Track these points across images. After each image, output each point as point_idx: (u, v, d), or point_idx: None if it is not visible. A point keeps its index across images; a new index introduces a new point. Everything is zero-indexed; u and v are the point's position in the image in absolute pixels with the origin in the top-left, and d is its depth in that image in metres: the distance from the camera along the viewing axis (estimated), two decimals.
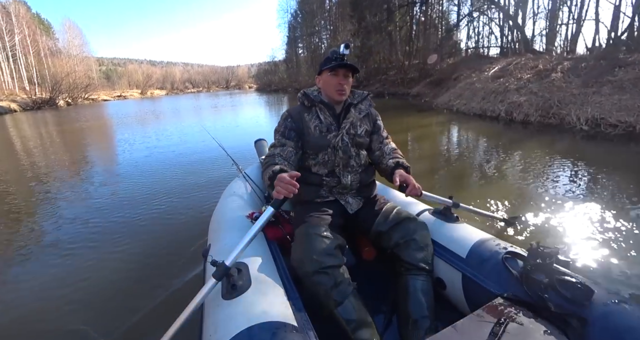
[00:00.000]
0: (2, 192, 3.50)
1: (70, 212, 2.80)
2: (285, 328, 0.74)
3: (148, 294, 1.57)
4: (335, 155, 1.25)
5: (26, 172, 4.36)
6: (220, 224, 1.35)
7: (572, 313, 0.81)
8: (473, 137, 5.74)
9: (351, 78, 1.27)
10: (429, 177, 3.31)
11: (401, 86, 15.66)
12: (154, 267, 1.84)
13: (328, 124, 1.27)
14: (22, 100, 21.46)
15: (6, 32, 27.86)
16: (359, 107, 1.34)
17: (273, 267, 1.01)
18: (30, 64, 28.79)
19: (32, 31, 30.67)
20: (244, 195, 1.63)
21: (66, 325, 1.43)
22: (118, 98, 36.99)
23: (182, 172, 3.88)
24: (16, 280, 1.83)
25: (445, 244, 1.17)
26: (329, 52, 1.23)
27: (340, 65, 1.20)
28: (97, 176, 4.03)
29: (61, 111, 18.94)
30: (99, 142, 7.36)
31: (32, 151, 6.10)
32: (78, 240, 2.26)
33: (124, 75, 56.99)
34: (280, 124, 1.30)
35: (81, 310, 1.52)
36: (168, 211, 2.66)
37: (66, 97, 24.84)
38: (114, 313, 1.47)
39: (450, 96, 9.67)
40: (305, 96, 1.31)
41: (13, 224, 2.65)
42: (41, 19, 40.41)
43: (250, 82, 61.04)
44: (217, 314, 0.82)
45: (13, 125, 11.75)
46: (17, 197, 3.32)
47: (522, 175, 3.18)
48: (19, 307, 1.58)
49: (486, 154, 4.33)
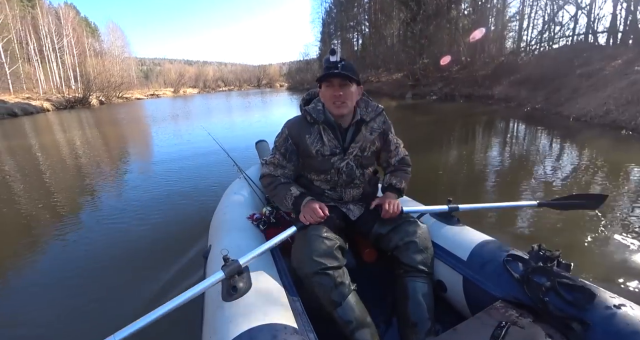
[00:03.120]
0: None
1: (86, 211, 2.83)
2: (286, 330, 0.74)
3: (147, 294, 1.59)
4: (338, 177, 1.21)
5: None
6: (222, 225, 1.35)
7: (573, 316, 0.79)
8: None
9: (354, 87, 1.12)
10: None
11: (475, 86, 12.11)
12: (154, 266, 1.84)
13: (332, 147, 1.17)
14: (56, 99, 21.48)
15: (55, 34, 29.49)
16: (371, 126, 1.22)
17: (274, 268, 1.02)
18: (71, 65, 30.29)
19: (77, 33, 32.35)
20: (244, 196, 1.63)
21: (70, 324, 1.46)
22: (151, 96, 37.28)
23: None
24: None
25: (446, 246, 1.16)
26: (323, 60, 1.12)
27: (331, 74, 1.07)
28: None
29: (93, 110, 18.95)
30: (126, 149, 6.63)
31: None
32: (90, 235, 2.35)
33: (160, 74, 58.37)
34: (281, 143, 1.21)
35: (81, 302, 1.58)
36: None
37: (100, 96, 25.10)
38: (111, 314, 1.47)
39: (606, 101, 5.66)
40: (307, 112, 1.19)
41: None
42: (88, 22, 42.54)
43: (282, 81, 61.46)
44: (217, 315, 0.82)
45: (32, 129, 10.72)
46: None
47: None
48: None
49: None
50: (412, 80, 15.60)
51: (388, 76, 21.22)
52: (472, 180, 3.38)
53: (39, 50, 29.63)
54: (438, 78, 14.79)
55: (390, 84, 18.91)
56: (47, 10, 31.11)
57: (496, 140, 5.42)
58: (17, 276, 1.93)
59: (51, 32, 29.48)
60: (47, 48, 30.05)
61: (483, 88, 11.58)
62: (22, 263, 2.06)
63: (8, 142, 7.59)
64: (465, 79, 13.16)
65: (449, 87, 13.33)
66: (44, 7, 30.78)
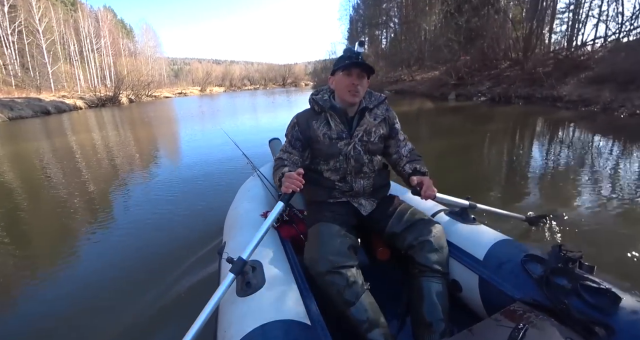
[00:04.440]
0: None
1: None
2: (299, 326, 0.75)
3: (164, 290, 1.60)
4: (347, 163, 1.21)
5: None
6: (235, 222, 1.37)
7: (597, 320, 0.76)
8: None
9: (366, 79, 1.18)
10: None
11: (535, 85, 9.95)
12: (170, 262, 1.86)
13: (339, 131, 1.21)
14: (89, 97, 22.10)
15: (94, 35, 31.38)
16: (375, 112, 1.26)
17: (287, 265, 1.02)
18: (107, 65, 31.94)
19: (112, 35, 34.27)
20: (258, 193, 1.64)
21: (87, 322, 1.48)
22: (179, 95, 38.22)
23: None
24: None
25: (462, 245, 1.14)
26: (343, 50, 1.17)
27: (354, 64, 1.12)
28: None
29: (122, 108, 19.28)
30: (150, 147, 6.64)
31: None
32: (106, 233, 2.40)
33: (189, 73, 59.80)
34: (289, 131, 1.27)
35: (98, 298, 1.63)
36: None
37: (129, 94, 25.62)
38: (127, 310, 1.50)
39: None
40: (315, 101, 1.24)
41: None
42: (124, 24, 44.62)
43: (307, 80, 61.80)
44: (232, 311, 0.83)
45: (60, 127, 10.73)
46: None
47: None
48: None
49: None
50: (455, 78, 13.65)
51: (423, 74, 19.62)
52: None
53: (79, 51, 31.13)
54: (485, 76, 12.78)
55: (426, 83, 16.85)
56: (88, 14, 32.74)
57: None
58: (47, 275, 1.96)
59: (90, 34, 31.44)
60: (86, 49, 31.58)
61: (544, 88, 9.49)
62: (57, 262, 2.09)
63: (37, 142, 7.40)
64: (519, 78, 10.93)
65: (501, 87, 11.21)
66: (85, 10, 32.42)
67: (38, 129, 10.37)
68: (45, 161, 5.22)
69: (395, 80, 21.31)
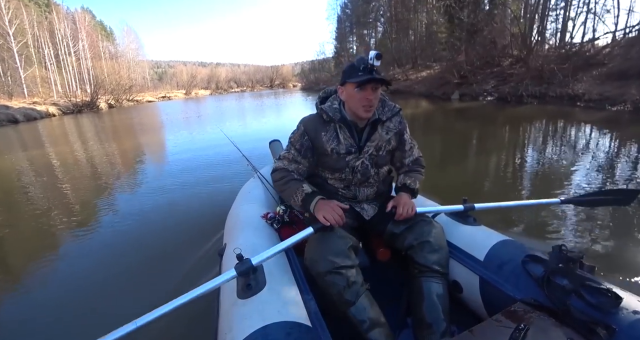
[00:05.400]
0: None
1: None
2: (300, 328, 0.74)
3: (163, 290, 1.59)
4: (353, 176, 1.20)
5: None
6: (236, 224, 1.36)
7: (598, 321, 0.76)
8: None
9: (380, 89, 1.11)
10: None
11: (545, 83, 9.22)
12: (171, 263, 1.90)
13: (347, 146, 1.16)
14: (63, 103, 20.59)
15: (70, 38, 29.73)
16: (387, 126, 1.20)
17: (287, 267, 1.02)
18: (86, 69, 30.51)
19: (90, 37, 32.75)
20: (258, 195, 1.65)
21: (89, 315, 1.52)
22: (162, 99, 36.73)
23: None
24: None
25: (462, 246, 1.14)
26: (355, 59, 1.08)
27: (369, 80, 1.03)
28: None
29: (100, 115, 17.84)
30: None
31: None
32: (106, 232, 2.46)
33: (174, 76, 57.96)
34: (297, 138, 1.19)
35: (99, 296, 1.65)
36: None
37: (109, 99, 24.25)
38: (126, 311, 1.44)
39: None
40: (323, 111, 1.17)
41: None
42: (103, 26, 42.84)
43: (294, 81, 60.83)
44: (232, 312, 0.83)
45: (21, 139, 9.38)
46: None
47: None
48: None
49: None
50: (457, 77, 12.67)
51: (417, 73, 19.06)
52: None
53: (55, 55, 29.45)
54: (488, 74, 11.84)
55: (425, 82, 16.04)
56: (64, 15, 31.10)
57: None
58: (38, 279, 1.95)
59: (67, 36, 29.92)
60: (62, 52, 29.91)
61: (556, 85, 8.78)
62: (46, 263, 2.09)
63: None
64: (526, 75, 10.12)
65: (508, 86, 10.33)
66: (60, 12, 30.78)
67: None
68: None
69: (390, 80, 20.66)
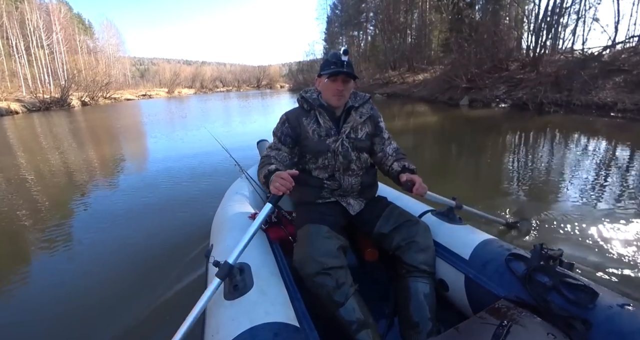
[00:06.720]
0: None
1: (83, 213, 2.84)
2: (287, 329, 0.74)
3: (150, 295, 1.56)
4: (335, 160, 1.24)
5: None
6: (223, 224, 1.36)
7: (576, 315, 0.79)
8: None
9: (352, 82, 1.24)
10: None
11: (565, 90, 8.36)
12: (157, 267, 1.84)
13: (327, 129, 1.25)
14: (30, 99, 18.74)
15: (43, 30, 27.93)
16: (360, 111, 1.31)
17: (275, 268, 1.02)
18: (60, 63, 28.59)
19: (66, 30, 30.83)
20: (246, 195, 1.64)
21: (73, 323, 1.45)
22: (143, 97, 34.93)
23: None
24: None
25: (448, 245, 1.16)
26: (329, 55, 1.21)
27: (338, 72, 1.17)
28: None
29: (71, 113, 16.23)
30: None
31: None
32: (85, 235, 2.34)
33: (156, 74, 55.48)
34: (278, 127, 1.29)
35: (85, 305, 1.56)
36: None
37: (83, 96, 22.36)
38: (116, 314, 1.46)
39: None
40: (304, 99, 1.29)
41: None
42: (81, 19, 40.33)
43: (282, 82, 59.90)
44: (219, 314, 0.82)
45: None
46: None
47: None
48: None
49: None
50: (465, 81, 11.55)
51: (414, 76, 18.43)
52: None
53: (25, 47, 27.07)
54: (497, 79, 10.98)
55: (424, 86, 15.00)
56: (36, 6, 28.74)
57: None
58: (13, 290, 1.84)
59: (39, 28, 28.03)
60: (34, 44, 27.53)
61: (577, 93, 7.99)
62: (20, 277, 1.95)
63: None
64: (537, 81, 9.37)
65: (522, 92, 9.50)
66: (32, 2, 28.37)
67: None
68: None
69: (385, 82, 20.00)
